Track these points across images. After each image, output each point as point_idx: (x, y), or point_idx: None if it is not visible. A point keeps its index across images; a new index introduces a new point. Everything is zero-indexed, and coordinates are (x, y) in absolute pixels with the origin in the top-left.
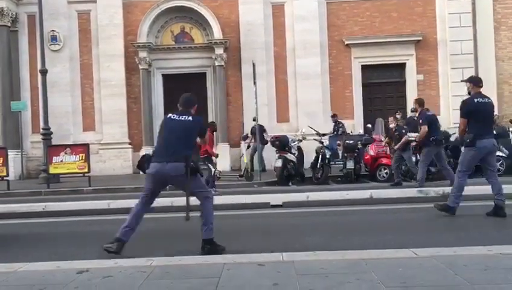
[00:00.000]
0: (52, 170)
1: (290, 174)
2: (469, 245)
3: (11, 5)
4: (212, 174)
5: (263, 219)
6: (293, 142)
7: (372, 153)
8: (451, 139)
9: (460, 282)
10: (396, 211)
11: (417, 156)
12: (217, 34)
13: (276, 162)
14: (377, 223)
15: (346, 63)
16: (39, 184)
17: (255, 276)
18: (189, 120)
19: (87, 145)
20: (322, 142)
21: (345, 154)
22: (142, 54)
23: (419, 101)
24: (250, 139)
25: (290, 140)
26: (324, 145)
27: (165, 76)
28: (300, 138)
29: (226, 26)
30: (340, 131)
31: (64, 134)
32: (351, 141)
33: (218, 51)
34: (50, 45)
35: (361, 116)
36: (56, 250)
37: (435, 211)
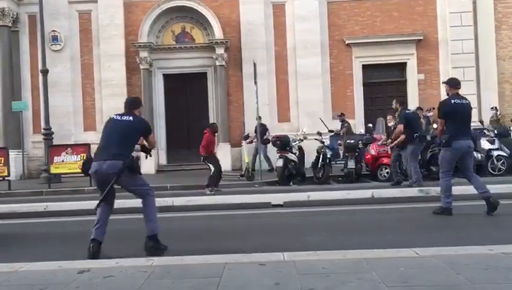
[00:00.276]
0: (53, 169)
1: (291, 174)
2: (470, 245)
3: (12, 5)
4: (212, 174)
5: (264, 219)
6: (294, 141)
7: (373, 152)
8: None
9: (461, 281)
10: (398, 211)
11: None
12: (218, 33)
13: (277, 161)
14: (378, 223)
15: (347, 62)
16: (40, 184)
17: (256, 276)
18: (130, 120)
19: (88, 145)
20: (323, 142)
21: (346, 154)
22: (143, 53)
23: (399, 100)
24: (253, 138)
25: (291, 140)
26: (325, 144)
27: (166, 76)
28: (301, 137)
29: (226, 26)
30: (343, 131)
31: (65, 134)
32: (352, 141)
33: (219, 50)
34: (51, 45)
35: (362, 116)
36: (57, 250)
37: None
